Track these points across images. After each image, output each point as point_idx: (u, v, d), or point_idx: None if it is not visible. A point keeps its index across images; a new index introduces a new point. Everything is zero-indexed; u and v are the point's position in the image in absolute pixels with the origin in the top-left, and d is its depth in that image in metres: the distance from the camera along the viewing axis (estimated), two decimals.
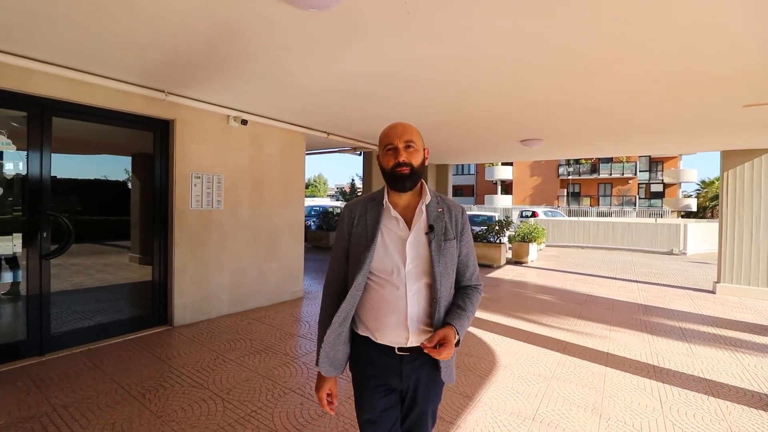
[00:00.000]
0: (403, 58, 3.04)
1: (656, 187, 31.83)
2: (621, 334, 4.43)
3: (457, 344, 1.26)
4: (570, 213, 25.53)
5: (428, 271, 1.29)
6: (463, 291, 1.40)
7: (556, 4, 2.17)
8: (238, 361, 3.50)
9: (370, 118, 5.18)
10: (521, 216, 18.02)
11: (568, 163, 31.48)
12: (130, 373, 3.21)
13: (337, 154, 8.44)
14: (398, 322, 1.28)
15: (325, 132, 6.19)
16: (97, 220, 4.09)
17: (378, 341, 1.32)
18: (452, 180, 10.65)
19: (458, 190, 38.10)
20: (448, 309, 1.34)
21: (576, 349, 3.97)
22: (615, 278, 8.07)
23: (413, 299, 1.28)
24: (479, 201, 36.15)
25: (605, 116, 4.71)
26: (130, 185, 4.32)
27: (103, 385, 3.00)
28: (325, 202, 29.89)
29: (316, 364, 1.37)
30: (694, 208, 29.46)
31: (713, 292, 6.72)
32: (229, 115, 4.84)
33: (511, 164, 33.51)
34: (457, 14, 2.34)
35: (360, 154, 8.56)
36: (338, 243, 1.43)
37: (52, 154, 3.54)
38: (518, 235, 10.11)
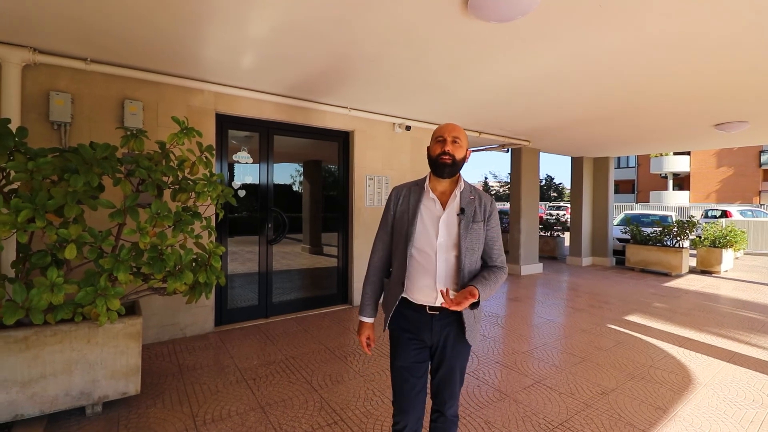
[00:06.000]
0: (586, 51, 2.98)
1: None
2: None
3: (475, 306, 1.50)
4: None
5: (456, 245, 1.56)
6: (489, 268, 1.63)
7: None
8: None
9: (532, 115, 5.10)
10: (706, 216, 14.81)
11: None
12: (331, 339, 3.95)
13: (482, 152, 8.45)
14: (429, 284, 1.56)
15: (477, 131, 6.32)
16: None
17: (414, 301, 1.59)
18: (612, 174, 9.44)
19: (614, 186, 33.06)
20: (473, 276, 1.58)
21: None
22: None
23: (442, 266, 1.55)
24: (642, 198, 30.73)
25: None
26: (301, 187, 5.17)
27: (314, 345, 3.78)
28: None
29: (360, 314, 1.74)
30: None
31: None
32: (394, 123, 5.41)
33: (687, 153, 27.59)
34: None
35: (507, 151, 8.38)
36: (384, 218, 1.74)
37: (274, 165, 4.59)
38: (705, 238, 8.43)
